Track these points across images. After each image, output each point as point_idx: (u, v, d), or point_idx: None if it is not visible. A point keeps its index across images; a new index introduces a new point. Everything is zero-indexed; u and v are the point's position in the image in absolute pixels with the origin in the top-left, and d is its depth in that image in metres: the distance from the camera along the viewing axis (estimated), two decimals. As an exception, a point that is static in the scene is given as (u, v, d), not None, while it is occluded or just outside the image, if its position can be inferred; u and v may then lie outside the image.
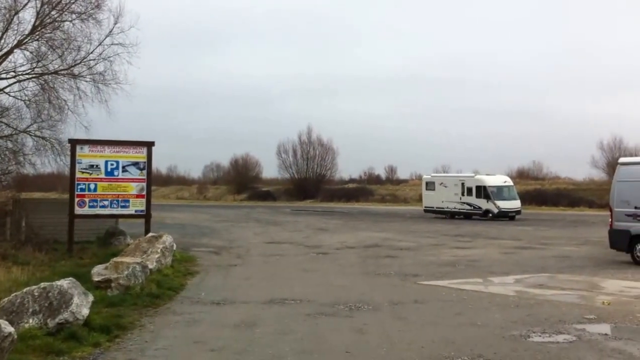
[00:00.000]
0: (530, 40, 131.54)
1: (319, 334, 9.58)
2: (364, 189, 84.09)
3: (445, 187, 46.54)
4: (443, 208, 46.38)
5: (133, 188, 20.37)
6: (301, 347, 8.75)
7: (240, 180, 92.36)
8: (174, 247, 17.63)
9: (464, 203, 45.02)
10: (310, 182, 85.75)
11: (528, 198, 58.11)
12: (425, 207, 48.76)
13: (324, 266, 18.41)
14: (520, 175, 75.77)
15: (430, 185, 48.38)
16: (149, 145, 20.68)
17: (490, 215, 43.13)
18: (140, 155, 20.47)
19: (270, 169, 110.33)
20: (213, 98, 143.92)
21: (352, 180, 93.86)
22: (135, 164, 20.39)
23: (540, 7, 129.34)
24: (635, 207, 18.61)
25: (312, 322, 10.43)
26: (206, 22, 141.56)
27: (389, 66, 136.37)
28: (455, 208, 45.62)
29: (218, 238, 28.20)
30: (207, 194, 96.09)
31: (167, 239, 16.88)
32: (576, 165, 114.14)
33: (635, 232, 18.59)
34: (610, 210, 19.63)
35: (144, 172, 20.50)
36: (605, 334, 9.56)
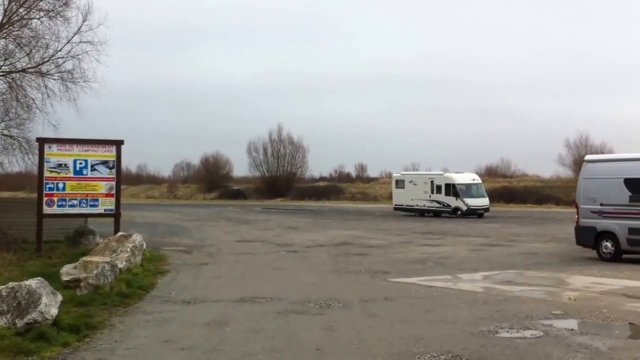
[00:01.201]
0: (501, 39, 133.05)
1: (290, 332, 9.61)
2: (335, 187, 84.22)
3: (415, 185, 46.85)
4: (413, 206, 46.72)
5: (102, 187, 20.19)
6: (272, 345, 8.78)
7: (211, 178, 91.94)
8: (144, 246, 17.53)
9: (434, 201, 45.38)
10: (281, 181, 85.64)
11: (496, 195, 58.72)
12: (395, 205, 49.05)
13: (295, 264, 18.45)
14: (489, 173, 76.61)
15: (400, 184, 48.67)
16: (118, 143, 20.51)
17: (459, 212, 43.55)
18: (109, 154, 20.29)
19: (240, 168, 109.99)
20: (183, 96, 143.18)
21: (322, 179, 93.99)
22: (105, 162, 20.20)
23: (511, 7, 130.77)
24: (601, 204, 18.92)
25: (283, 320, 10.46)
26: (177, 20, 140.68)
27: (358, 65, 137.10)
28: (424, 206, 45.97)
29: (189, 237, 28.07)
30: (178, 193, 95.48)
31: (137, 238, 16.79)
32: (543, 163, 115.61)
33: (601, 229, 18.90)
34: (577, 207, 19.93)
35: (113, 170, 20.32)
36: (572, 329, 9.71)
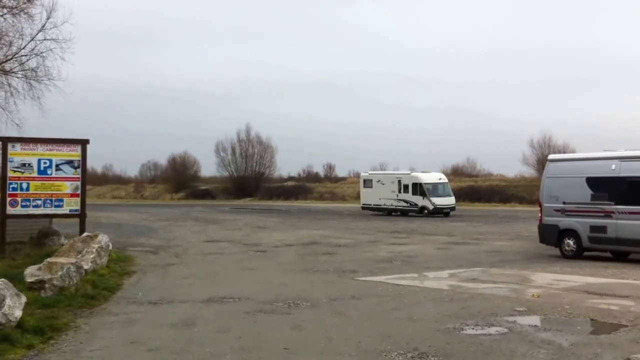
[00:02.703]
0: (467, 39, 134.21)
1: (258, 332, 9.60)
2: (303, 186, 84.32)
3: (383, 184, 47.14)
4: (380, 205, 47.00)
5: (67, 187, 19.93)
6: (240, 345, 8.77)
7: (178, 178, 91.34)
8: (110, 247, 17.37)
9: (401, 200, 45.71)
10: (249, 180, 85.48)
11: (462, 194, 59.34)
12: (363, 204, 49.30)
13: (263, 264, 18.43)
14: (455, 173, 77.30)
15: (367, 183, 48.93)
16: (84, 143, 20.25)
17: (426, 211, 43.93)
18: (74, 153, 20.02)
19: (208, 167, 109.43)
20: (150, 95, 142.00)
21: (291, 178, 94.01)
22: (70, 162, 19.93)
23: (476, 7, 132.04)
24: (564, 203, 19.24)
25: (251, 320, 10.45)
26: (144, 17, 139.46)
27: (327, 65, 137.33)
28: (392, 205, 46.27)
29: (155, 237, 27.86)
30: (145, 193, 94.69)
31: (103, 238, 16.62)
32: (508, 163, 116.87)
33: (564, 227, 19.22)
34: (540, 206, 20.23)
35: (79, 170, 20.06)
36: (536, 326, 9.89)
